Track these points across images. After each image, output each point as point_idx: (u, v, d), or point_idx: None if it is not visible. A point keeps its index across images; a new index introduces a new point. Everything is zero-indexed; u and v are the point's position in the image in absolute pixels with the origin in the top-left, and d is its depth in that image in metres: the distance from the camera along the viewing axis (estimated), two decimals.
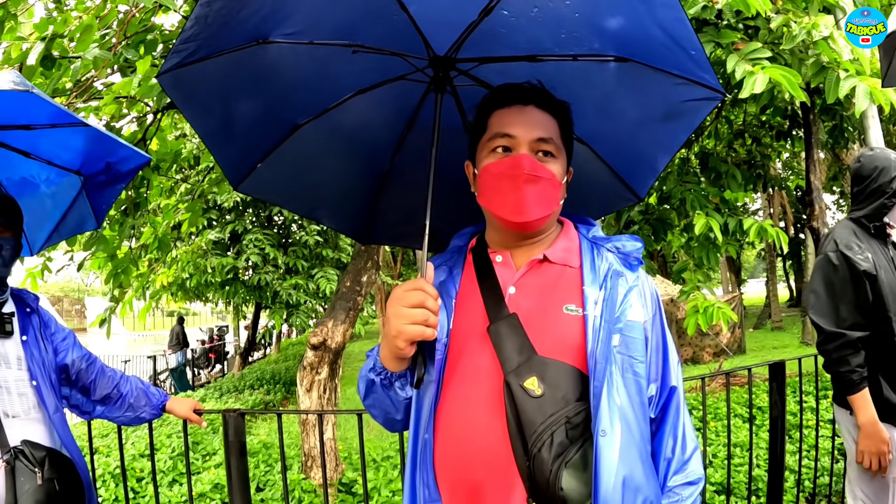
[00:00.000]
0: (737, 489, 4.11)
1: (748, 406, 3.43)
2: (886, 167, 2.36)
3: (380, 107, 1.59)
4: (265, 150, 1.62)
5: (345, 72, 1.49)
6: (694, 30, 1.22)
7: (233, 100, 1.50)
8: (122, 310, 5.04)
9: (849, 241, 2.33)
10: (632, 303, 1.24)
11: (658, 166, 1.59)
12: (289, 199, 1.95)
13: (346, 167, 1.76)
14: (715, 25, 3.01)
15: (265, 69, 1.43)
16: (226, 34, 1.29)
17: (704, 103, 1.39)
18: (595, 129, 1.54)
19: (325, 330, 4.62)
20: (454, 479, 1.18)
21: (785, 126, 5.33)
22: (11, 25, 2.83)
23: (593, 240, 1.36)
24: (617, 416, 1.13)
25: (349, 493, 4.79)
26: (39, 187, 2.21)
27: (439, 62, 1.43)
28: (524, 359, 1.17)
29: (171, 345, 15.55)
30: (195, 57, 1.30)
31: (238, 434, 2.63)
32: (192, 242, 10.51)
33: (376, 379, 1.31)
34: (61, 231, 2.36)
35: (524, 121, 1.28)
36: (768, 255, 18.99)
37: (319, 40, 1.39)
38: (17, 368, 1.96)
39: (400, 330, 1.14)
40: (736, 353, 12.41)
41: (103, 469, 5.20)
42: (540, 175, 1.25)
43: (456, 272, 1.36)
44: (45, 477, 1.86)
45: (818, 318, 2.32)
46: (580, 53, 1.37)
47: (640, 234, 4.14)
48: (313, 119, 1.59)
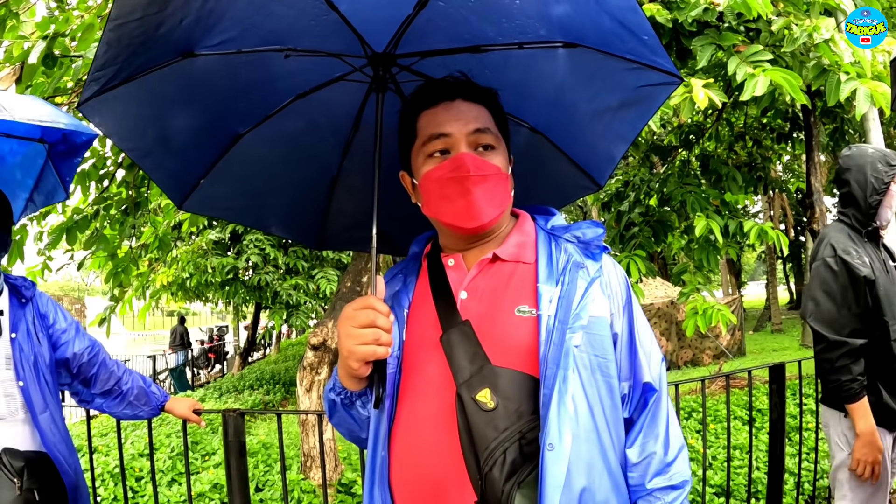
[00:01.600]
0: (736, 491, 4.10)
1: (748, 408, 3.43)
2: (862, 165, 2.31)
3: (323, 110, 1.52)
4: (207, 164, 1.54)
5: (282, 77, 1.42)
6: (693, 32, 1.21)
7: (165, 118, 1.42)
8: (122, 309, 5.04)
9: (846, 245, 2.27)
10: (594, 296, 1.14)
11: (616, 154, 1.54)
12: (236, 213, 1.86)
13: (292, 174, 1.67)
14: (716, 28, 3.02)
15: (196, 82, 1.35)
16: (145, 53, 1.22)
17: (661, 88, 1.33)
18: (550, 118, 1.49)
19: (325, 330, 4.62)
20: (409, 497, 1.13)
21: (786, 128, 5.33)
22: (13, 24, 2.84)
23: (551, 231, 1.26)
24: (569, 426, 1.04)
25: (348, 493, 4.78)
26: (5, 159, 2.16)
27: (378, 59, 1.37)
28: (476, 369, 1.09)
29: (173, 344, 15.56)
30: (116, 80, 1.23)
31: (237, 434, 2.63)
32: (192, 242, 10.51)
33: (337, 399, 1.27)
34: (35, 201, 2.31)
35: (455, 116, 1.20)
36: (768, 258, 19.00)
37: (248, 48, 1.32)
38: (4, 368, 1.93)
39: (351, 350, 1.10)
40: (736, 356, 12.41)
41: (102, 468, 5.19)
42: (486, 172, 1.17)
43: (410, 280, 1.29)
44: (23, 487, 1.83)
45: (819, 326, 2.25)
46: (525, 41, 1.32)
47: (641, 235, 4.14)
48: (254, 127, 1.52)
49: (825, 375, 2.27)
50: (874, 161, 2.30)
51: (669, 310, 11.95)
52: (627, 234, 4.27)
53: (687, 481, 1.16)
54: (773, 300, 18.51)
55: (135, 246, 4.81)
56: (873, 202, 2.29)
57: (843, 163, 2.39)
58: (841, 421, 2.31)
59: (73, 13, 3.20)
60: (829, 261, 2.27)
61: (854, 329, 2.21)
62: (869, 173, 2.29)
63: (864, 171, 2.30)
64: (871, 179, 2.28)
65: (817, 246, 2.39)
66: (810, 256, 2.43)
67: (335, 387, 1.26)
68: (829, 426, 2.38)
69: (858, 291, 2.21)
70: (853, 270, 2.22)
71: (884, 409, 2.23)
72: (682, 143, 4.94)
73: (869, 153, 2.34)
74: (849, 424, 2.26)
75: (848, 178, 2.35)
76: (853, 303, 2.22)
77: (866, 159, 2.31)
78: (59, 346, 2.11)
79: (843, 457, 2.30)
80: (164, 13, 1.15)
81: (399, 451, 1.15)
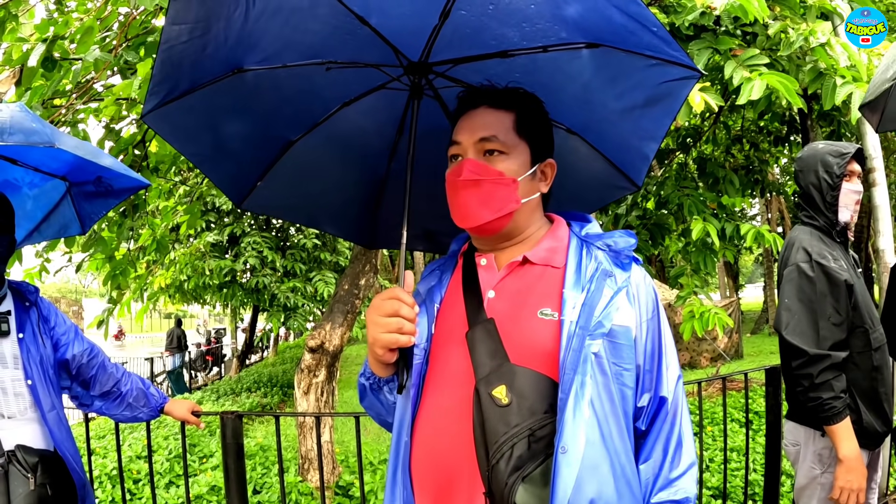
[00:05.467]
0: (733, 493, 4.11)
1: (745, 411, 3.44)
2: (812, 163, 2.19)
3: (368, 116, 1.62)
4: (262, 168, 1.68)
5: (327, 87, 1.52)
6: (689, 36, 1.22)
7: (221, 126, 1.55)
8: (120, 311, 5.04)
9: (820, 249, 2.09)
10: (619, 305, 1.16)
11: (648, 153, 1.57)
12: (291, 212, 2.02)
13: (343, 176, 1.79)
14: (713, 31, 3.03)
15: (248, 94, 1.47)
16: (198, 70, 1.35)
17: (682, 83, 1.35)
18: (582, 118, 1.53)
19: (322, 333, 4.62)
20: (426, 483, 1.19)
21: (783, 132, 5.35)
22: (13, 26, 2.84)
23: (585, 238, 1.29)
24: (583, 431, 1.07)
25: (346, 495, 4.78)
26: (22, 189, 2.21)
27: (415, 68, 1.45)
28: (495, 366, 1.14)
29: (169, 347, 15.54)
30: (175, 94, 1.36)
31: (236, 436, 2.63)
32: (190, 244, 10.51)
33: (366, 383, 1.34)
34: (43, 232, 2.34)
35: (468, 126, 1.28)
36: (766, 261, 19.02)
37: (292, 62, 1.43)
38: (13, 368, 1.96)
39: (376, 338, 1.16)
40: (733, 358, 12.42)
41: (100, 470, 5.18)
42: (481, 177, 1.23)
43: (445, 277, 1.35)
44: (37, 482, 1.87)
45: (795, 338, 2.03)
46: (549, 44, 1.36)
47: (638, 238, 4.15)
48: (305, 134, 1.63)
49: (804, 393, 2.03)
50: (824, 156, 2.17)
51: (667, 312, 11.94)
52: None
53: (690, 499, 1.17)
54: (770, 303, 18.53)
55: (133, 248, 4.81)
56: (830, 199, 2.16)
57: (796, 165, 2.28)
58: (815, 440, 2.11)
59: (73, 16, 3.21)
60: (804, 266, 2.08)
61: (837, 341, 2.02)
62: (820, 170, 2.16)
63: (814, 169, 2.18)
64: (824, 175, 2.15)
65: (787, 250, 2.20)
66: (780, 262, 2.24)
67: (365, 371, 1.32)
68: (800, 444, 2.18)
69: (839, 298, 2.04)
70: (832, 275, 2.04)
71: (865, 431, 2.06)
72: (680, 147, 4.96)
73: (819, 148, 2.21)
74: (826, 444, 2.08)
75: (801, 180, 2.23)
76: (833, 311, 2.03)
77: (816, 157, 2.19)
78: (59, 347, 2.13)
79: (814, 475, 2.12)
80: (209, 36, 1.27)
81: (420, 439, 1.22)
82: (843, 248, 2.20)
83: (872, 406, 2.10)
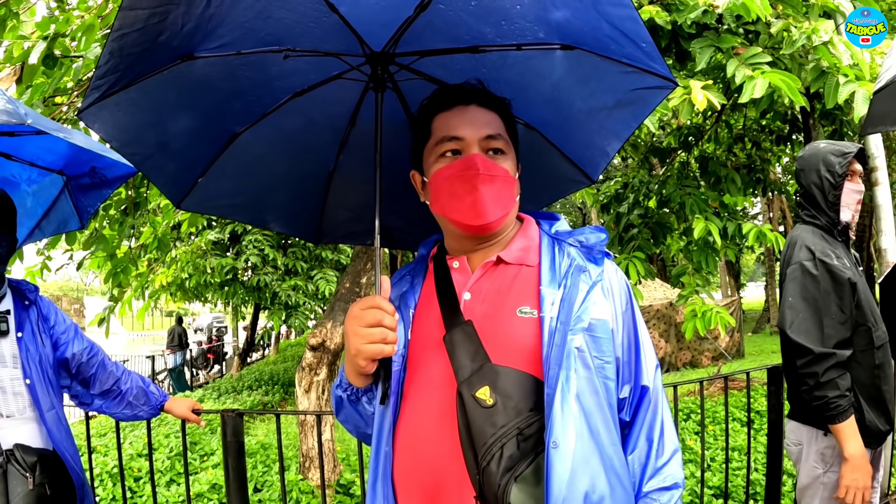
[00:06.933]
0: (734, 493, 4.11)
1: (746, 410, 3.43)
2: (814, 162, 2.18)
3: (319, 107, 1.55)
4: (204, 164, 1.58)
5: (281, 77, 1.46)
6: (692, 34, 1.22)
7: (164, 121, 1.44)
8: (122, 309, 5.04)
9: (823, 247, 2.10)
10: (595, 300, 1.17)
11: (610, 151, 1.57)
12: (235, 210, 1.90)
13: (290, 170, 1.71)
14: (715, 30, 3.02)
15: (194, 85, 1.38)
16: (146, 60, 1.25)
17: (656, 92, 1.36)
18: (545, 115, 1.52)
19: (324, 331, 4.62)
20: (412, 491, 1.16)
21: (785, 130, 5.34)
22: (13, 24, 2.84)
23: (555, 235, 1.30)
24: (572, 425, 1.08)
25: (347, 494, 4.78)
26: (20, 186, 2.21)
27: (376, 58, 1.40)
28: (476, 367, 1.13)
29: (171, 345, 15.55)
30: (117, 87, 1.25)
31: (236, 434, 2.63)
32: (191, 242, 10.50)
33: (343, 396, 1.31)
34: (44, 229, 2.35)
35: (469, 121, 1.25)
36: (767, 260, 19.03)
37: (247, 50, 1.35)
38: (12, 367, 1.96)
39: (359, 349, 1.13)
40: (734, 357, 12.42)
41: (101, 468, 5.19)
42: (495, 174, 1.22)
43: (417, 282, 1.33)
44: (36, 482, 1.87)
45: (800, 337, 2.02)
46: (524, 43, 1.35)
47: (640, 237, 4.15)
48: (251, 126, 1.55)
49: (809, 392, 2.02)
50: (826, 155, 2.17)
51: (668, 311, 11.96)
52: (626, 236, 4.27)
53: (679, 483, 1.20)
54: (771, 302, 18.52)
55: (134, 246, 4.81)
56: (832, 198, 2.15)
57: (798, 164, 2.27)
58: (818, 439, 2.11)
59: (74, 13, 3.20)
60: (808, 264, 2.09)
61: (841, 339, 2.03)
62: (822, 169, 2.16)
63: (816, 168, 2.17)
64: (826, 174, 2.15)
65: (789, 249, 2.21)
66: (783, 261, 2.24)
67: (342, 383, 1.29)
68: (802, 443, 2.18)
69: (842, 296, 2.04)
70: (836, 274, 2.05)
71: (867, 429, 2.05)
72: (682, 145, 4.95)
73: (821, 147, 2.21)
74: (829, 443, 2.08)
75: (803, 179, 2.23)
76: (837, 310, 2.03)
77: (818, 156, 2.18)
78: (59, 346, 2.13)
79: (816, 474, 2.12)
80: (166, 22, 1.18)
81: (402, 448, 1.19)
82: (844, 247, 2.20)
83: (875, 404, 2.09)
